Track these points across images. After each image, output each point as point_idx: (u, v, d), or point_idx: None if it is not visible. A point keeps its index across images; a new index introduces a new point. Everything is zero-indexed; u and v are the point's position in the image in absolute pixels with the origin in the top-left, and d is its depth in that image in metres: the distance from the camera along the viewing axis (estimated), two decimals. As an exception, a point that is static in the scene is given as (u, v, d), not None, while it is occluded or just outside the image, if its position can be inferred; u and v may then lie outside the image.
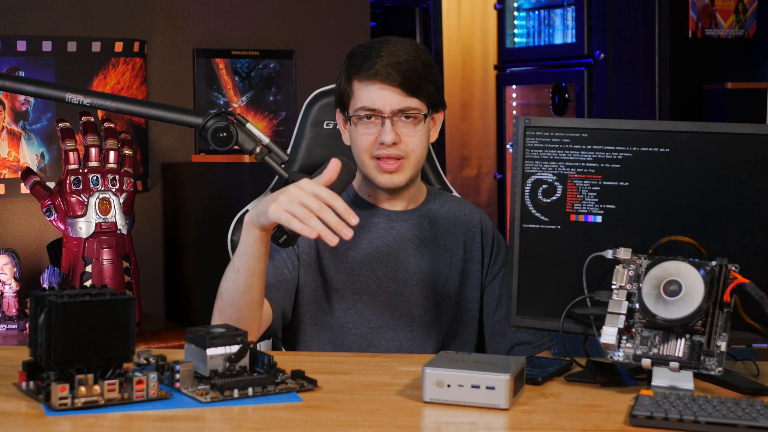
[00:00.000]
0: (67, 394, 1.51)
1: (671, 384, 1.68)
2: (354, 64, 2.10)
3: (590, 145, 1.83)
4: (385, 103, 2.06)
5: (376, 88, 2.06)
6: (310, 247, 2.13)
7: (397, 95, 2.06)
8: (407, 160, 2.09)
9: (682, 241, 1.76)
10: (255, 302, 1.90)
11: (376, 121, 2.08)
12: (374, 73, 2.06)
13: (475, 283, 2.20)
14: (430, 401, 1.60)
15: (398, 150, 2.07)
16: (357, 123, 2.09)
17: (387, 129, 2.06)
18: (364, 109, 2.08)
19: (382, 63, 2.06)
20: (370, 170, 2.11)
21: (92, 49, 3.51)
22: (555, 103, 5.79)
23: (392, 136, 2.06)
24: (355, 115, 2.09)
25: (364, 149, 2.09)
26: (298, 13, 3.99)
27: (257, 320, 1.93)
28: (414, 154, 2.09)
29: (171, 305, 3.85)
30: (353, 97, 2.09)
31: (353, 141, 2.12)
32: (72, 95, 1.90)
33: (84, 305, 1.55)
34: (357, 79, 2.08)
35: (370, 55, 2.07)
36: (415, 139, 2.08)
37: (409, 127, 2.08)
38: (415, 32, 6.08)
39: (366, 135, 2.08)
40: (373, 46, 2.10)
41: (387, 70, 2.05)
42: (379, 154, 2.08)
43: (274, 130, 3.90)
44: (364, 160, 2.10)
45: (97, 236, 3.13)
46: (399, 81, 2.05)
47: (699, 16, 5.13)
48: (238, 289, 1.87)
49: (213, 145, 1.89)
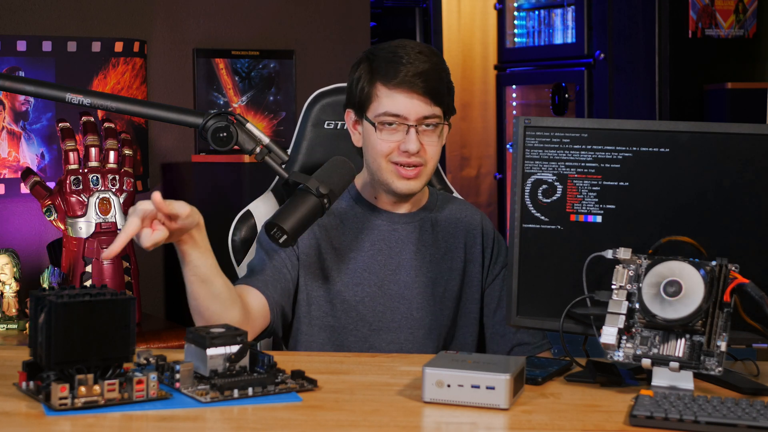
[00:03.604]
0: (67, 394, 1.51)
1: (671, 384, 1.68)
2: (378, 68, 2.08)
3: (590, 145, 1.83)
4: (410, 111, 2.06)
5: (402, 95, 2.06)
6: (312, 248, 2.13)
7: (422, 104, 2.06)
8: (425, 167, 2.09)
9: (682, 241, 1.76)
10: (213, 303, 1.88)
11: (399, 128, 2.07)
12: (401, 81, 2.05)
13: (475, 285, 2.20)
14: (430, 401, 1.60)
15: (419, 158, 2.08)
16: (381, 129, 2.09)
17: (412, 138, 2.06)
18: (388, 115, 2.07)
19: (409, 71, 2.05)
20: (386, 175, 2.10)
21: (92, 49, 3.51)
22: (555, 103, 5.79)
23: (417, 145, 2.06)
24: (378, 121, 2.08)
25: (383, 155, 2.09)
26: (298, 13, 3.99)
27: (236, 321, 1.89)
28: (432, 161, 2.10)
29: (171, 305, 3.85)
30: (375, 102, 2.08)
31: (370, 144, 2.11)
32: (72, 95, 1.90)
33: (84, 305, 1.55)
34: (382, 83, 2.07)
35: (394, 60, 2.07)
36: (435, 148, 2.09)
37: (431, 135, 2.09)
38: (415, 32, 6.08)
39: (388, 141, 2.08)
40: (395, 50, 2.09)
41: (414, 79, 2.05)
42: (399, 161, 2.08)
43: (274, 130, 3.90)
44: (381, 164, 2.10)
45: (97, 236, 3.13)
46: (425, 90, 2.06)
47: (699, 16, 5.13)
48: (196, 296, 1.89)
49: (213, 145, 1.89)
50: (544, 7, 6.00)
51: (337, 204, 2.17)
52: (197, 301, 1.89)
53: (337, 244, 2.15)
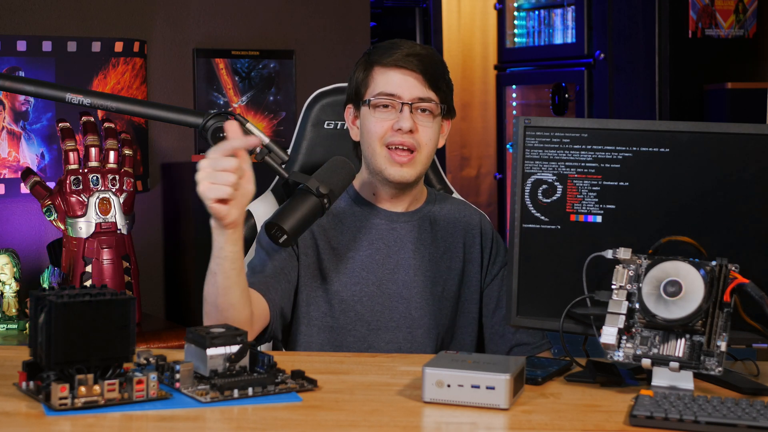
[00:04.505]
0: (67, 394, 1.51)
1: (671, 384, 1.68)
2: (375, 53, 2.13)
3: (590, 145, 1.83)
4: (404, 90, 2.08)
5: (397, 74, 2.09)
6: (310, 248, 2.13)
7: (417, 83, 2.09)
8: (419, 153, 2.09)
9: (682, 241, 1.76)
10: (237, 302, 1.86)
11: (393, 109, 2.09)
12: (396, 59, 2.09)
13: (474, 285, 2.20)
14: (430, 401, 1.60)
15: (412, 139, 2.08)
16: (374, 108, 2.10)
17: (405, 115, 2.07)
18: (383, 95, 2.09)
19: (404, 52, 2.10)
20: (380, 160, 2.10)
21: (92, 49, 3.51)
22: (555, 103, 5.79)
23: (410, 123, 2.07)
24: (374, 101, 2.10)
25: (378, 136, 2.09)
26: (298, 13, 3.99)
27: (245, 320, 1.88)
28: (426, 148, 2.10)
29: (171, 305, 3.84)
30: (372, 84, 2.11)
31: (366, 128, 2.12)
32: (72, 95, 1.90)
33: (84, 305, 1.55)
34: (378, 65, 2.11)
35: (392, 47, 2.12)
36: (429, 132, 2.10)
37: (426, 119, 2.10)
38: (415, 32, 6.08)
39: (382, 121, 2.09)
40: (394, 41, 2.15)
41: (409, 58, 2.09)
42: (392, 141, 2.08)
43: (274, 130, 3.90)
44: (375, 148, 2.10)
45: (97, 236, 3.13)
46: (420, 69, 2.09)
47: (699, 16, 5.13)
48: (218, 293, 1.84)
49: (213, 145, 1.88)
50: (544, 7, 6.00)
51: (336, 204, 2.17)
52: (225, 291, 1.83)
53: (336, 243, 2.15)
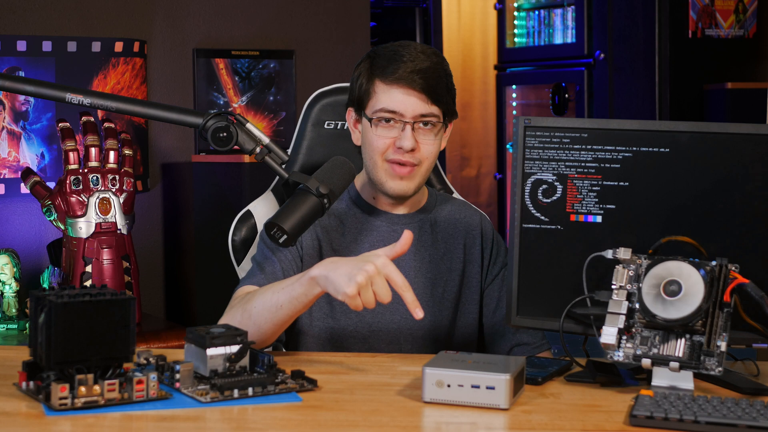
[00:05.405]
0: (67, 394, 1.51)
1: (671, 384, 1.68)
2: (377, 65, 2.08)
3: (590, 145, 1.83)
4: (407, 108, 2.05)
5: (400, 92, 2.06)
6: (313, 249, 2.13)
7: (420, 101, 2.05)
8: (419, 168, 2.09)
9: (682, 241, 1.76)
10: (279, 332, 1.90)
11: (395, 124, 2.07)
12: (399, 77, 2.05)
13: (474, 286, 2.20)
14: (430, 401, 1.60)
15: (413, 157, 2.07)
16: (376, 125, 2.08)
17: (407, 135, 2.05)
18: (385, 111, 2.07)
19: (407, 68, 2.05)
20: (380, 174, 2.10)
21: (92, 49, 3.51)
22: (555, 103, 5.79)
23: (412, 142, 2.05)
24: (375, 117, 2.08)
25: (379, 151, 2.08)
26: (298, 13, 3.99)
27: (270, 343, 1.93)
28: (427, 162, 2.09)
29: (171, 305, 3.85)
30: (373, 98, 2.08)
31: (367, 141, 2.11)
32: (72, 95, 1.90)
33: (84, 305, 1.55)
34: (380, 80, 2.07)
35: (395, 58, 2.06)
36: (431, 147, 2.08)
37: (427, 134, 2.08)
38: (415, 32, 6.08)
39: (383, 137, 2.08)
40: (396, 49, 2.09)
41: (412, 75, 2.04)
42: (394, 158, 2.07)
43: (274, 130, 3.90)
44: (376, 161, 2.09)
45: (97, 236, 3.13)
46: (423, 87, 2.05)
47: (699, 16, 5.13)
48: (273, 321, 1.86)
49: (213, 145, 1.89)
50: (544, 7, 6.01)
51: (337, 205, 2.17)
52: (279, 327, 1.88)
53: (337, 245, 2.15)
